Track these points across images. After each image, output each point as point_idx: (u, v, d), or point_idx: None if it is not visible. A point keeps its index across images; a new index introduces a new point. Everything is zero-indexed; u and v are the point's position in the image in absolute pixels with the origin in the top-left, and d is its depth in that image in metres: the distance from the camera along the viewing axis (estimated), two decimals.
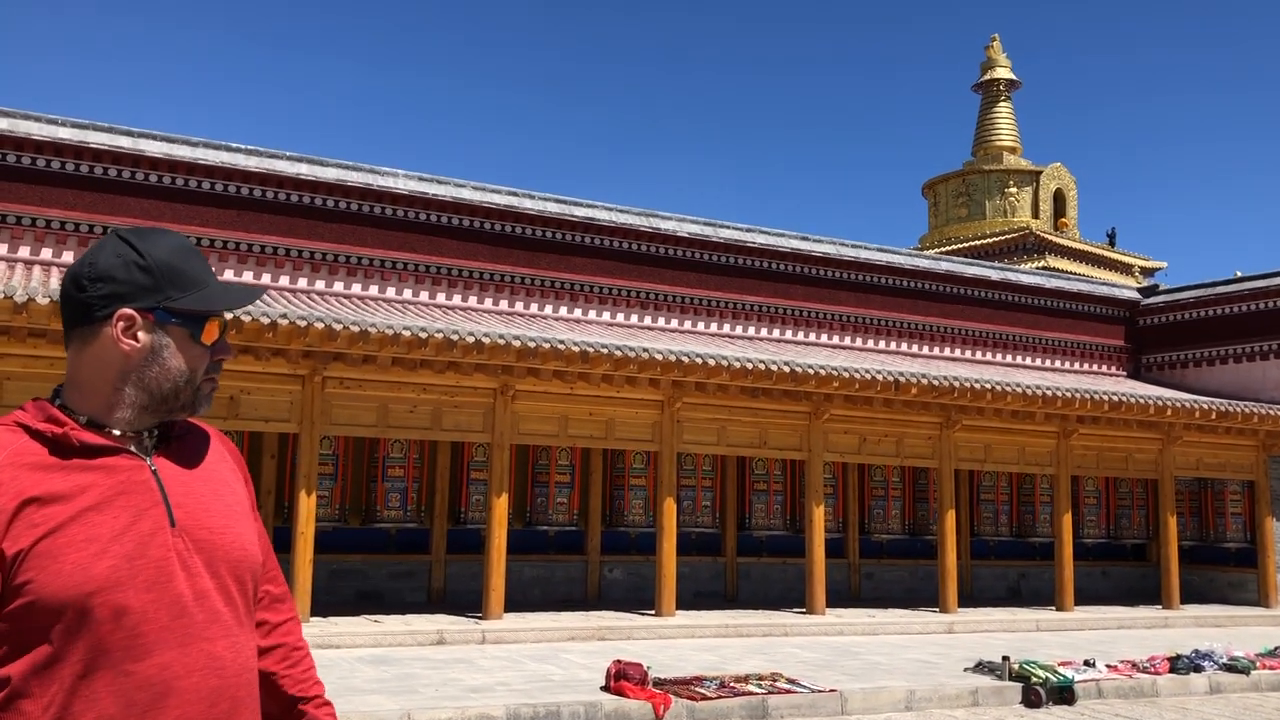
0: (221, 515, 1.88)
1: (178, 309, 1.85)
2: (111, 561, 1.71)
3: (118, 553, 1.72)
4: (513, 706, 9.23)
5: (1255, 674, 12.69)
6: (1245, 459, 21.67)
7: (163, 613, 1.74)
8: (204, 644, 1.77)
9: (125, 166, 16.25)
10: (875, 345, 21.93)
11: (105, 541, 1.72)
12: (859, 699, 10.59)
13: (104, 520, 1.74)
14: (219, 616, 1.80)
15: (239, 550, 1.87)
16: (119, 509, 1.76)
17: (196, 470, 1.90)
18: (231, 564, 1.85)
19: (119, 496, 1.77)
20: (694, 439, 16.86)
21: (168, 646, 1.73)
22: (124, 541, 1.73)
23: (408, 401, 14.93)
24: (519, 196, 19.09)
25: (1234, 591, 22.25)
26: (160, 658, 1.72)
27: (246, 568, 1.88)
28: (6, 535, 1.68)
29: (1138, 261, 36.55)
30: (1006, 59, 40.08)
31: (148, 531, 1.76)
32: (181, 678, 1.73)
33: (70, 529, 1.71)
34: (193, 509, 1.83)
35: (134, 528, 1.75)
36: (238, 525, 1.90)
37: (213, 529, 1.84)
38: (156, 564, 1.75)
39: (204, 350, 1.88)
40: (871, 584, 20.92)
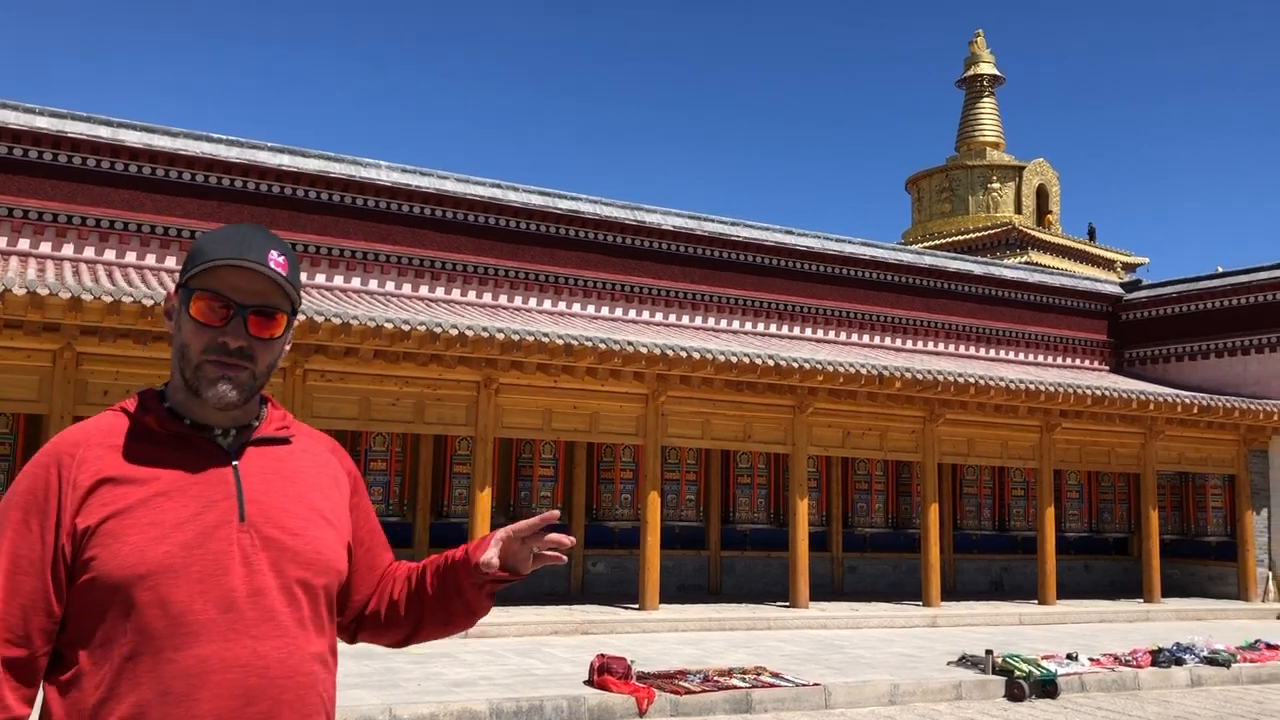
0: (301, 518, 1.85)
1: (181, 283, 1.87)
2: (168, 548, 1.72)
3: (177, 540, 1.73)
4: (495, 701, 9.17)
5: (1236, 667, 12.74)
6: (1226, 453, 21.78)
7: (210, 605, 1.73)
8: (250, 641, 1.74)
9: (104, 157, 16.08)
10: (859, 339, 21.94)
11: (167, 527, 1.73)
12: (842, 692, 10.57)
13: (171, 506, 1.75)
14: (274, 616, 1.77)
15: (313, 554, 1.84)
16: (189, 498, 1.77)
17: (288, 473, 1.89)
18: (302, 566, 1.82)
19: (192, 486, 1.78)
20: (678, 432, 16.81)
21: (210, 639, 1.72)
22: (185, 530, 1.74)
23: (390, 394, 14.84)
24: (503, 189, 19.00)
25: (1214, 585, 22.37)
26: (200, 649, 1.71)
27: (320, 572, 1.85)
28: (80, 511, 1.74)
29: (1120, 257, 36.71)
30: (990, 55, 40.17)
31: (212, 523, 1.76)
32: (218, 672, 1.71)
33: (137, 511, 1.73)
34: (268, 507, 1.82)
35: (199, 518, 1.76)
36: (318, 530, 1.87)
37: (287, 529, 1.82)
38: (214, 556, 1.75)
39: (197, 325, 1.83)
40: (855, 577, 20.94)
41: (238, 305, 1.82)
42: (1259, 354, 22.63)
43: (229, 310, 1.82)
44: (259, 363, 1.85)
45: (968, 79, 40.06)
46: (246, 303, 1.82)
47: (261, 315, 1.84)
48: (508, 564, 2.00)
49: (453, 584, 2.00)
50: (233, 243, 1.82)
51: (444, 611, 2.03)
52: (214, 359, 1.82)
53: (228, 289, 1.82)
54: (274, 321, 1.86)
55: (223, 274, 1.81)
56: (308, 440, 2.00)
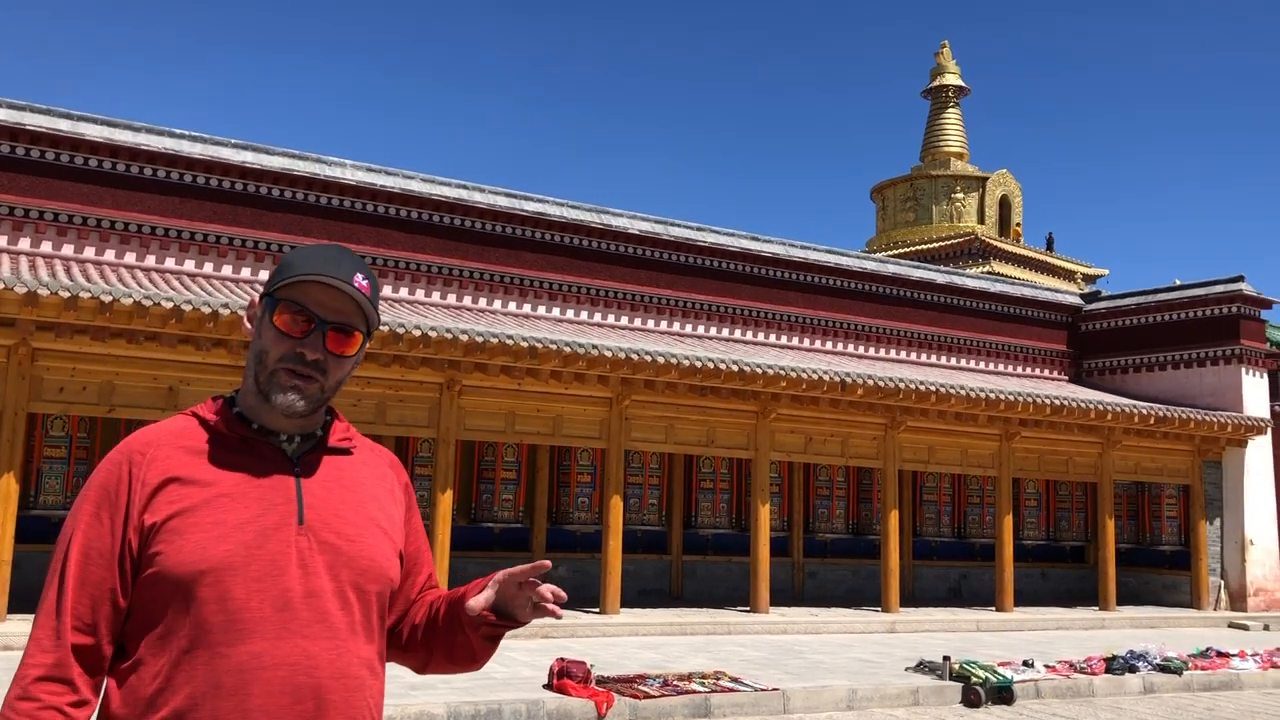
0: (358, 526, 1.91)
1: (267, 292, 1.94)
2: (229, 546, 1.79)
3: (238, 539, 1.80)
4: (453, 704, 9.12)
5: (1187, 674, 12.93)
6: (1181, 463, 22.09)
7: (266, 604, 1.78)
8: (302, 641, 1.79)
9: (64, 150, 15.85)
10: (822, 346, 22.05)
11: (229, 527, 1.80)
12: (801, 698, 10.61)
13: (234, 507, 1.82)
14: (327, 618, 1.83)
15: (367, 560, 1.90)
16: (252, 500, 1.84)
17: (348, 482, 1.96)
18: (356, 572, 1.88)
19: (255, 489, 1.85)
20: (642, 437, 16.82)
21: (263, 636, 1.77)
22: (247, 530, 1.81)
23: (351, 395, 14.71)
24: (469, 189, 18.92)
25: (1168, 594, 22.67)
26: (253, 646, 1.76)
27: (373, 579, 1.90)
28: (148, 508, 1.81)
29: (1080, 268, 37.16)
30: (956, 66, 40.53)
31: (272, 525, 1.83)
32: (268, 669, 1.76)
33: (202, 511, 1.81)
34: (326, 513, 1.89)
35: (260, 519, 1.83)
36: (373, 539, 1.93)
37: (343, 535, 1.88)
38: (272, 556, 1.81)
39: (278, 334, 1.90)
40: (815, 583, 21.02)
41: (319, 320, 1.90)
42: (1214, 366, 22.98)
43: (310, 324, 1.90)
44: (330, 377, 1.93)
45: (933, 89, 40.40)
46: (328, 319, 1.91)
47: (340, 332, 1.92)
48: (505, 609, 2.01)
49: (457, 621, 2.03)
50: (323, 261, 1.91)
51: (449, 646, 2.06)
52: (289, 368, 1.89)
53: (313, 304, 1.90)
54: (351, 340, 1.94)
55: (310, 289, 1.89)
56: (368, 453, 2.06)
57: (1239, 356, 22.67)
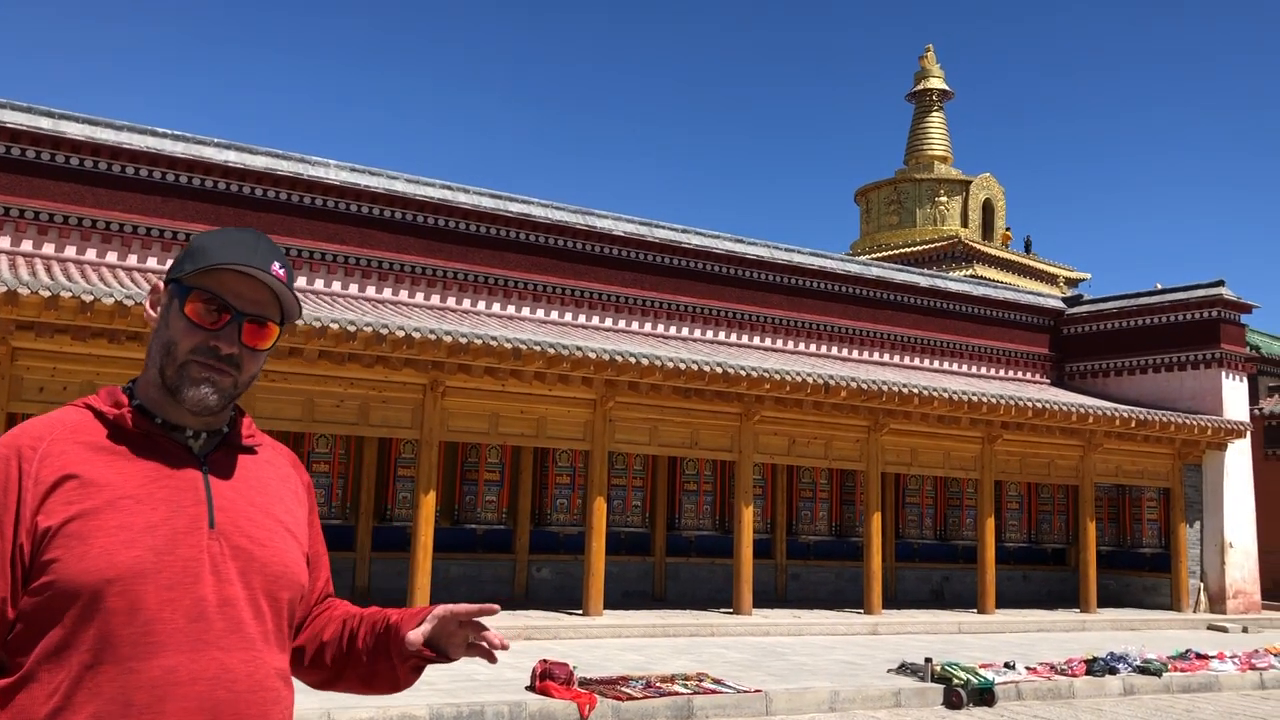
0: (268, 529, 1.81)
1: (175, 277, 1.81)
2: (138, 552, 1.65)
3: (147, 545, 1.66)
4: (436, 706, 9.10)
5: (1167, 676, 13.02)
6: (1162, 467, 22.22)
7: (179, 614, 1.66)
8: (218, 653, 1.68)
9: (45, 148, 15.75)
10: (806, 348, 22.09)
11: (137, 531, 1.66)
12: (783, 699, 10.63)
13: (141, 510, 1.68)
14: (242, 628, 1.72)
15: (279, 566, 1.79)
16: (159, 501, 1.70)
17: (254, 481, 1.85)
18: (268, 578, 1.77)
19: (162, 490, 1.72)
20: (626, 438, 16.82)
21: (178, 649, 1.65)
22: (156, 534, 1.68)
23: (334, 396, 14.68)
24: (453, 190, 18.89)
25: (1149, 596, 22.81)
26: (167, 660, 1.64)
27: (284, 585, 1.80)
28: (41, 509, 1.66)
29: (1063, 272, 37.37)
30: (940, 70, 40.71)
31: (183, 529, 1.70)
32: (185, 684, 1.64)
33: (105, 514, 1.66)
34: (236, 515, 1.77)
35: (169, 522, 1.70)
36: (282, 543, 1.82)
37: (254, 539, 1.78)
38: (184, 563, 1.69)
39: (188, 324, 1.78)
40: (798, 585, 21.07)
41: (235, 311, 1.79)
42: (1194, 370, 23.13)
43: (226, 315, 1.79)
44: (244, 371, 1.82)
45: (917, 93, 40.56)
46: (245, 310, 1.80)
47: (256, 324, 1.82)
48: (439, 645, 1.89)
49: (383, 647, 1.91)
50: (239, 247, 1.79)
51: (368, 671, 1.93)
52: (201, 360, 1.78)
53: (228, 293, 1.79)
54: (266, 332, 1.83)
55: (225, 278, 1.78)
56: (271, 452, 1.96)
57: (1219, 360, 22.83)
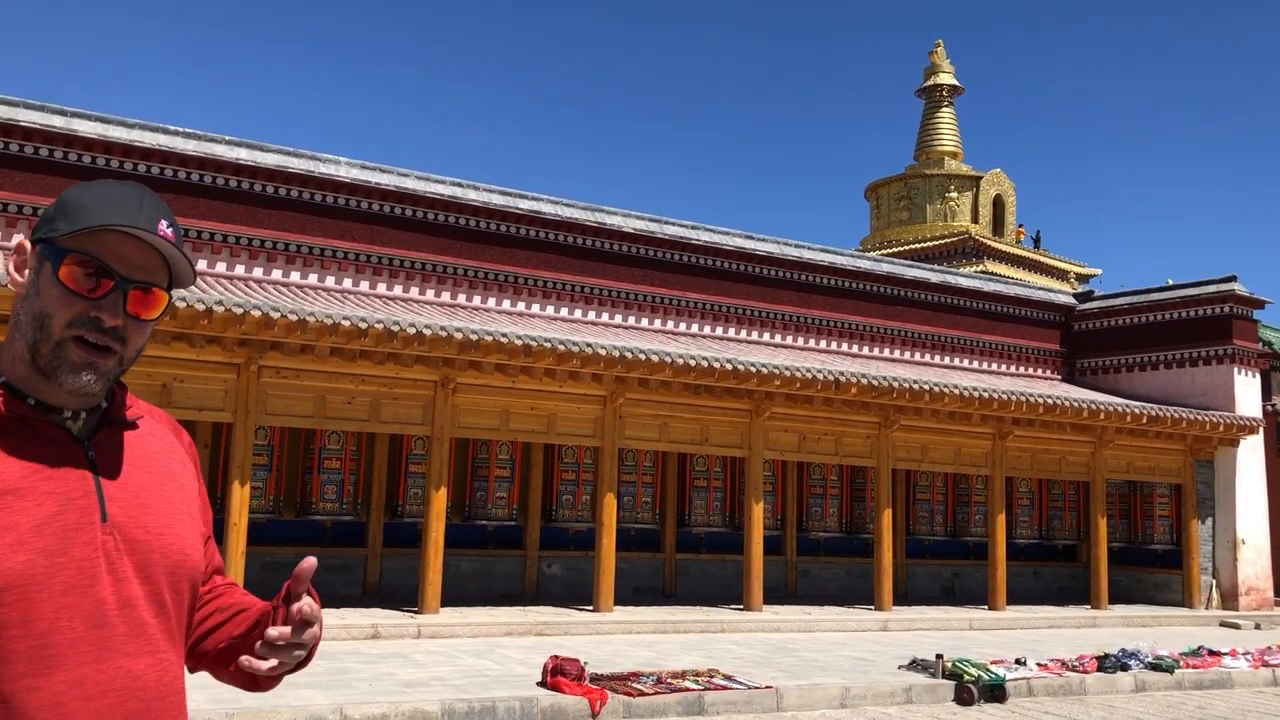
0: (162, 514, 1.64)
1: (46, 237, 1.59)
2: (28, 556, 1.47)
3: (36, 546, 1.48)
4: (448, 702, 9.13)
5: (1179, 673, 12.98)
6: (1173, 463, 22.15)
7: (79, 621, 1.50)
8: (124, 660, 1.53)
9: (58, 146, 15.81)
10: (816, 345, 22.07)
11: (23, 532, 1.48)
12: (794, 696, 10.63)
13: (25, 507, 1.49)
14: (145, 629, 1.57)
15: (178, 554, 1.63)
16: (43, 496, 1.52)
17: (141, 461, 1.66)
18: (169, 569, 1.61)
19: (45, 481, 1.53)
20: (636, 435, 16.83)
21: (81, 661, 1.49)
22: (45, 534, 1.49)
23: (346, 392, 14.72)
24: (463, 187, 18.91)
25: (1160, 592, 22.75)
26: (71, 673, 1.48)
27: (185, 574, 1.64)
28: None
29: (1074, 267, 37.25)
30: (950, 65, 40.58)
31: (73, 525, 1.52)
32: (94, 698, 1.49)
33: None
34: (129, 504, 1.60)
35: (58, 519, 1.51)
36: (180, 527, 1.66)
37: (150, 528, 1.61)
38: (79, 564, 1.51)
39: (65, 292, 1.56)
40: (808, 581, 21.06)
41: (120, 277, 1.58)
42: (1206, 366, 23.05)
43: (108, 281, 1.58)
44: (130, 346, 1.62)
45: (927, 89, 40.44)
46: (131, 276, 1.59)
47: (142, 291, 1.61)
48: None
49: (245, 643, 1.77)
50: (122, 204, 1.58)
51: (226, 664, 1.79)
52: (81, 335, 1.57)
53: (112, 257, 1.57)
54: (154, 299, 1.63)
55: (108, 239, 1.57)
56: (152, 421, 1.75)
57: (1231, 356, 22.74)
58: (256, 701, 8.63)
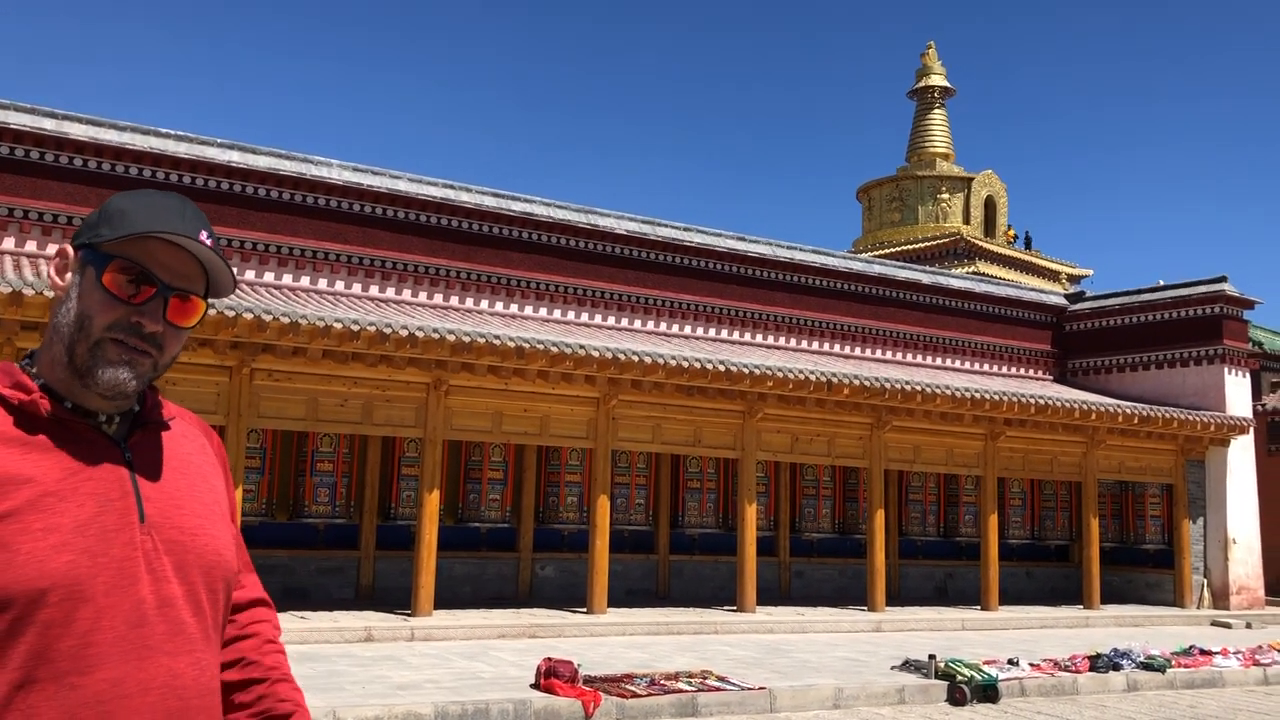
0: (197, 515, 1.66)
1: (90, 242, 1.62)
2: (71, 556, 1.49)
3: (79, 547, 1.50)
4: (441, 704, 9.12)
5: (1170, 672, 13.02)
6: (1165, 463, 22.22)
7: (120, 620, 1.51)
8: (165, 659, 1.54)
9: (48, 149, 15.78)
10: (809, 346, 22.10)
11: (66, 533, 1.49)
12: (788, 697, 10.65)
13: (66, 508, 1.51)
14: (184, 629, 1.58)
15: (213, 555, 1.65)
16: (84, 497, 1.53)
17: (175, 462, 1.68)
18: (204, 569, 1.63)
19: (85, 483, 1.54)
20: (629, 436, 16.84)
21: (122, 659, 1.50)
22: (86, 535, 1.51)
23: (338, 395, 14.71)
24: (455, 189, 18.90)
25: (1152, 592, 22.81)
26: (112, 672, 1.49)
27: (220, 575, 1.66)
28: None
29: (1065, 268, 37.35)
30: (941, 66, 40.69)
31: (113, 526, 1.54)
32: (134, 696, 1.50)
33: (27, 515, 1.48)
34: (165, 505, 1.62)
35: (98, 520, 1.53)
36: (214, 527, 1.67)
37: (186, 529, 1.62)
38: (119, 564, 1.53)
39: (107, 297, 1.59)
40: (802, 582, 21.07)
41: (162, 284, 1.61)
42: (1197, 366, 23.13)
43: (150, 288, 1.61)
44: (165, 352, 1.64)
45: (919, 90, 40.53)
46: (173, 284, 1.62)
47: (181, 299, 1.64)
48: None
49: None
50: (166, 213, 1.61)
51: None
52: (120, 338, 1.59)
53: (154, 264, 1.60)
54: (192, 308, 1.66)
55: (152, 247, 1.60)
56: (184, 423, 1.77)
57: (1222, 356, 22.83)
58: None
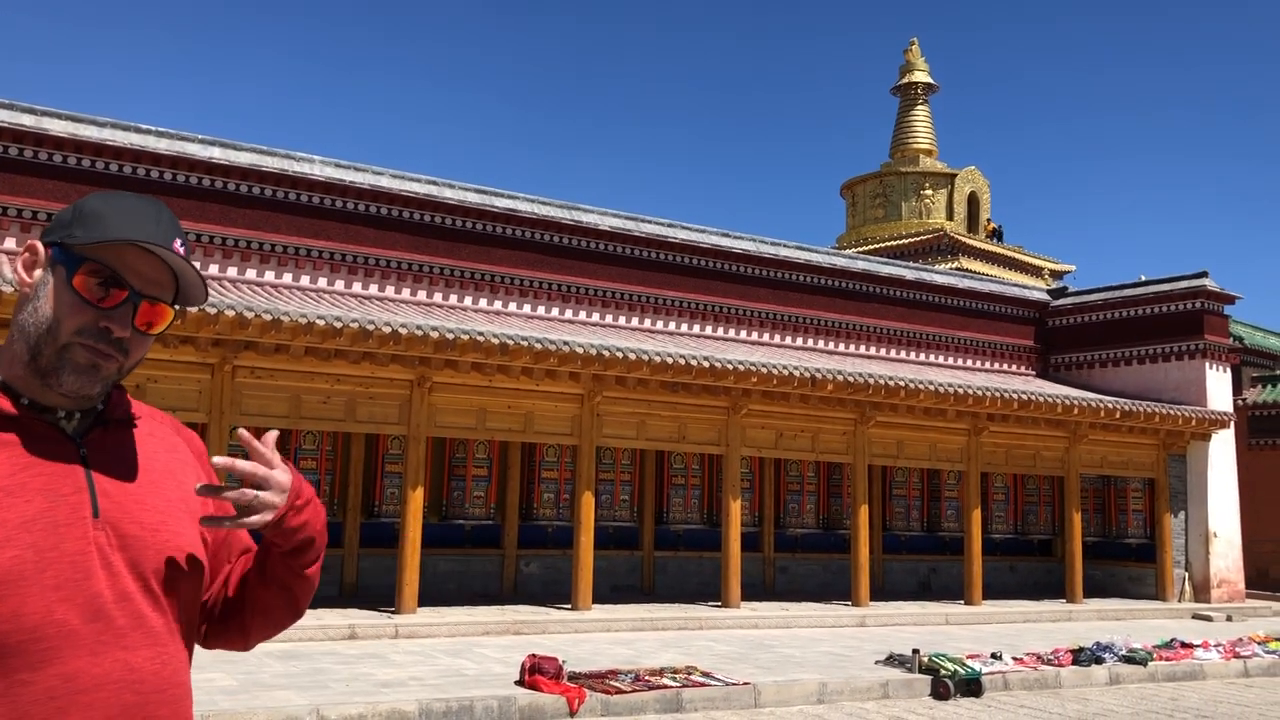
0: (159, 511, 1.65)
1: (61, 242, 1.61)
2: (16, 551, 1.49)
3: (24, 542, 1.50)
4: (425, 701, 9.11)
5: (1152, 665, 13.11)
6: (1147, 457, 22.35)
7: (73, 615, 1.51)
8: (121, 653, 1.54)
9: (28, 145, 15.66)
10: (793, 342, 22.15)
11: (12, 528, 1.50)
12: (772, 691, 10.67)
13: (14, 504, 1.51)
14: (145, 622, 1.58)
15: (175, 550, 1.64)
16: (33, 492, 1.53)
17: (136, 459, 1.68)
18: (164, 565, 1.62)
19: (34, 478, 1.55)
20: (614, 433, 16.83)
21: (76, 654, 1.50)
22: (34, 530, 1.51)
23: (321, 392, 14.65)
24: (439, 186, 18.85)
25: (1134, 586, 22.95)
26: (64, 666, 1.49)
27: (182, 571, 1.65)
28: None
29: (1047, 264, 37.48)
30: (925, 63, 40.76)
31: (64, 520, 1.54)
32: (88, 691, 1.50)
33: None
34: (123, 500, 1.61)
35: (48, 515, 1.53)
36: (177, 523, 1.66)
37: (146, 524, 1.62)
38: (71, 558, 1.53)
39: (77, 300, 1.59)
40: (786, 578, 21.12)
41: (133, 290, 1.62)
42: (1178, 361, 23.27)
43: (122, 293, 1.61)
44: (131, 356, 1.65)
45: (902, 86, 40.61)
46: (144, 290, 1.63)
47: (150, 304, 1.65)
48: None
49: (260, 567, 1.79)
50: (141, 218, 1.62)
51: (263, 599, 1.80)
52: (87, 343, 1.60)
53: (126, 269, 1.61)
54: (161, 314, 1.67)
55: (126, 253, 1.61)
56: (153, 422, 1.78)
57: (1203, 351, 22.97)
58: (232, 703, 8.59)
